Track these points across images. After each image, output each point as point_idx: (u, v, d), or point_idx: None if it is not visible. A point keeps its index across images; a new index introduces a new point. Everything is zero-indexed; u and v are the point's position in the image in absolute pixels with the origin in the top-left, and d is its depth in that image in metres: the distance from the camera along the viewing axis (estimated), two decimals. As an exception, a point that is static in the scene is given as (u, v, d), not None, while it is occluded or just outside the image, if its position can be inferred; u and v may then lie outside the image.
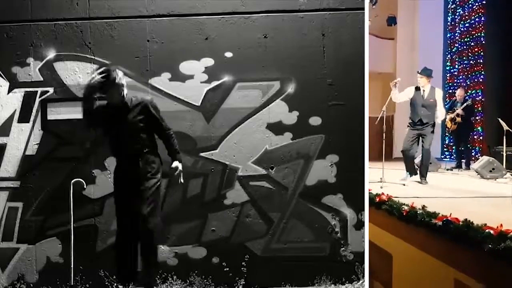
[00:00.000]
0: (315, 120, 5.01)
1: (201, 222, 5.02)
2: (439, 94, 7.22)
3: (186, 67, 5.02)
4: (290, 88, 5.01)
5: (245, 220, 5.02)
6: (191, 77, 5.02)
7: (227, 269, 4.95)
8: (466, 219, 3.59)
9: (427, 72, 7.20)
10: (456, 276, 3.60)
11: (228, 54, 5.02)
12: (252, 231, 5.02)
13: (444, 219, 3.79)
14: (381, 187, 6.02)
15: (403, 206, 4.50)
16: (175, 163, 4.48)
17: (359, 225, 5.00)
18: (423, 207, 4.26)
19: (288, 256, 5.01)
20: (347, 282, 4.91)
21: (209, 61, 5.01)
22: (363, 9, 5.02)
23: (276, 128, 5.03)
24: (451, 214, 3.84)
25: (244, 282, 4.93)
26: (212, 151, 5.04)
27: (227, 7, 5.03)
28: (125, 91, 4.39)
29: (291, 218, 5.03)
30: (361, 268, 4.91)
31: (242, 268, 4.95)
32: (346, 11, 5.02)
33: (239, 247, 5.00)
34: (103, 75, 4.31)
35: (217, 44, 5.02)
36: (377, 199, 5.03)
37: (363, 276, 4.87)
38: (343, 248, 4.99)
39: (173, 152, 4.52)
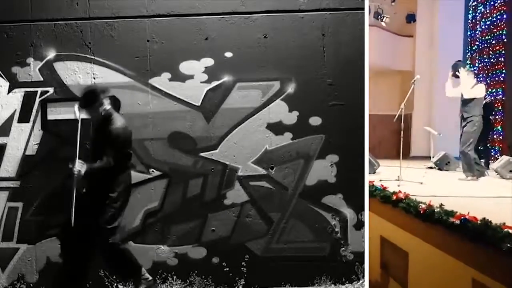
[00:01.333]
0: (315, 120, 5.50)
1: (201, 222, 5.51)
2: (463, 75, 8.08)
3: (186, 67, 5.50)
4: (290, 88, 5.50)
5: (245, 220, 5.51)
6: (191, 77, 5.50)
7: (227, 269, 5.46)
8: (484, 218, 3.81)
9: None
10: (474, 275, 3.78)
11: (228, 54, 5.51)
12: (252, 231, 5.51)
13: (462, 217, 4.02)
14: (398, 185, 6.47)
15: (420, 204, 4.75)
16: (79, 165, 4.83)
17: (359, 225, 5.49)
18: (441, 205, 4.50)
19: (288, 256, 5.49)
20: (347, 282, 5.41)
21: (209, 61, 5.49)
22: (363, 9, 5.50)
23: (276, 128, 5.51)
24: (469, 212, 4.07)
25: (244, 282, 5.42)
26: (212, 151, 5.51)
27: (227, 7, 5.51)
28: (105, 107, 5.01)
29: (291, 218, 5.52)
30: (361, 268, 5.41)
31: (242, 268, 5.45)
32: (346, 11, 5.51)
33: (239, 247, 5.49)
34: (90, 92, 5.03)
35: (217, 44, 5.50)
36: (394, 197, 5.33)
37: (363, 276, 5.37)
38: (343, 248, 5.50)
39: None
